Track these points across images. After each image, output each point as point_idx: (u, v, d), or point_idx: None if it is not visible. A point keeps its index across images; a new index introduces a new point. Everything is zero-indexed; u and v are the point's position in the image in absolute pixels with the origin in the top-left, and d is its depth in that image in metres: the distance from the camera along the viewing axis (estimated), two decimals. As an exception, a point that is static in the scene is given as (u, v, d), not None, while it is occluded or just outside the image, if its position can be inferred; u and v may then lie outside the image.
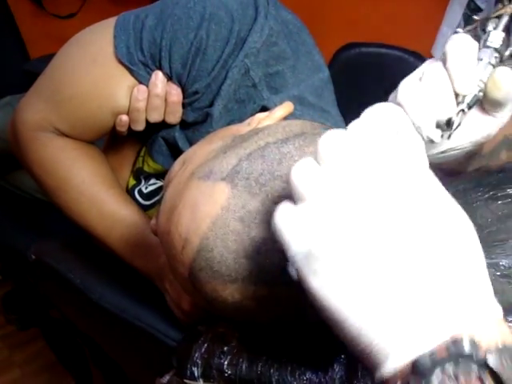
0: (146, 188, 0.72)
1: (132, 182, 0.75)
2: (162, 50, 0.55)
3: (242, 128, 0.46)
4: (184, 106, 0.60)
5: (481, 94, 0.35)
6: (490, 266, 0.38)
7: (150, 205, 0.71)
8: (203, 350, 0.47)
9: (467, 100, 0.35)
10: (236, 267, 0.36)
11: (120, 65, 0.57)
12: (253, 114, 0.60)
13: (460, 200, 0.45)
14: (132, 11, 0.59)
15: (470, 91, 0.34)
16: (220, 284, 0.37)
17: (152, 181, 0.73)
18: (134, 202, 0.64)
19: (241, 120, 0.60)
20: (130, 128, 0.62)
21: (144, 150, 0.72)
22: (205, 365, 0.46)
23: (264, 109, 0.59)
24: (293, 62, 0.58)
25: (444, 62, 0.35)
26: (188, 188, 0.39)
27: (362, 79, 1.53)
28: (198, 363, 0.46)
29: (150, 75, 0.57)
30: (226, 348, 0.45)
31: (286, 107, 0.46)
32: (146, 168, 0.70)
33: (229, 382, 0.43)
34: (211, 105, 0.58)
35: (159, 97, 0.58)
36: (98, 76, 0.58)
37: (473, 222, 0.43)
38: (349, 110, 0.69)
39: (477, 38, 0.37)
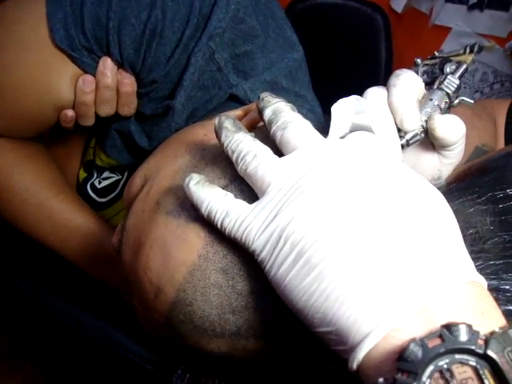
0: (100, 182, 0.64)
1: (83, 174, 0.67)
2: (109, 33, 0.46)
3: (211, 134, 0.38)
4: (139, 95, 0.51)
5: (422, 135, 0.35)
6: (495, 289, 0.35)
7: (106, 203, 0.63)
8: (186, 381, 0.43)
9: (407, 136, 0.35)
10: (221, 323, 0.30)
11: (58, 51, 0.47)
12: (219, 103, 0.53)
13: (454, 202, 0.41)
14: None
15: (411, 129, 0.35)
16: (204, 338, 0.32)
17: (105, 174, 0.65)
18: (88, 207, 0.57)
19: (205, 108, 0.53)
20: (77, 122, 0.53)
21: (94, 141, 0.63)
22: (188, 398, 0.42)
23: (232, 96, 0.52)
24: (262, 40, 0.51)
25: (389, 95, 0.35)
26: (155, 223, 0.32)
27: (318, 32, 1.45)
28: (180, 396, 0.42)
29: (97, 63, 0.48)
30: (211, 381, 0.41)
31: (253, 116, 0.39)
32: (98, 162, 0.62)
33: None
34: (171, 94, 0.50)
35: (109, 88, 0.49)
36: (32, 65, 0.48)
37: (472, 231, 0.40)
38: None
39: (433, 74, 0.38)
